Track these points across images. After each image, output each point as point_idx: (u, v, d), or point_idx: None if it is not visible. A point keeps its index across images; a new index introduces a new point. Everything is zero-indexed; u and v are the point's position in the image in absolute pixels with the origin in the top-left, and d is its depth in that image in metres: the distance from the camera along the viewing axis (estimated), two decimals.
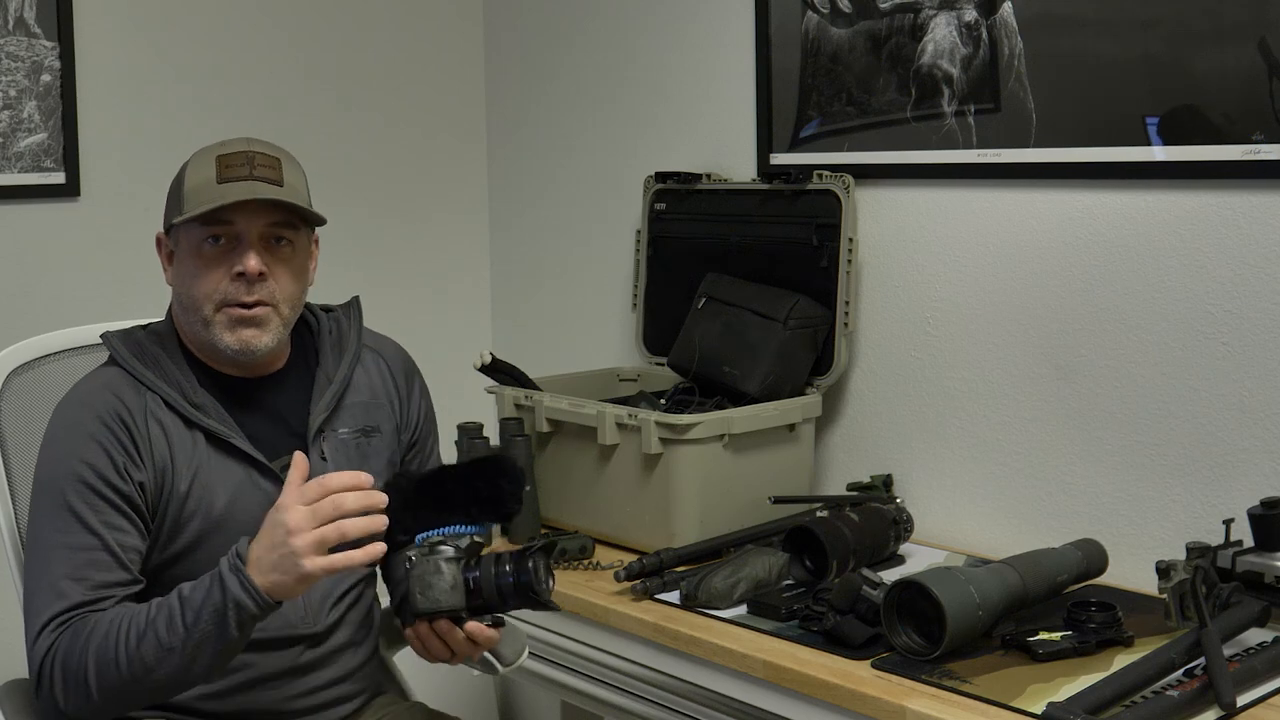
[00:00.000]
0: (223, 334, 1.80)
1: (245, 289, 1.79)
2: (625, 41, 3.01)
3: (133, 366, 1.82)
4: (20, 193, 2.75)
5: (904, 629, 1.87)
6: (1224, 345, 2.11)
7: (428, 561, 1.66)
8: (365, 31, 3.20)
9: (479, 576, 1.67)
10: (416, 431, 2.01)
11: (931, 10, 2.41)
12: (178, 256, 1.85)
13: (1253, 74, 2.03)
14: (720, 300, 2.60)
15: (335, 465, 1.86)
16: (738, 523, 2.36)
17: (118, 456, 1.75)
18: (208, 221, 1.78)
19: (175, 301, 1.86)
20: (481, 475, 1.73)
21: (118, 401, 1.78)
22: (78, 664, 1.65)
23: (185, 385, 1.82)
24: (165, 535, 1.78)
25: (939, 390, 2.47)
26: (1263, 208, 2.06)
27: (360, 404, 1.93)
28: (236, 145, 1.83)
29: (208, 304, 1.80)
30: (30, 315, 2.67)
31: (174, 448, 1.79)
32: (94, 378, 1.84)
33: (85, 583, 1.70)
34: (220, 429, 1.80)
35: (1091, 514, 2.27)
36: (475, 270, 3.42)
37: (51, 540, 1.72)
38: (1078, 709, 1.64)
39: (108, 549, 1.72)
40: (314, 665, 1.87)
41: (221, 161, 1.80)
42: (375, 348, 2.00)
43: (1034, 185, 2.32)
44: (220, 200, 1.76)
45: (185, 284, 1.82)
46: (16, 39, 2.72)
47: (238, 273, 1.78)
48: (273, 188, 1.79)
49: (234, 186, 1.77)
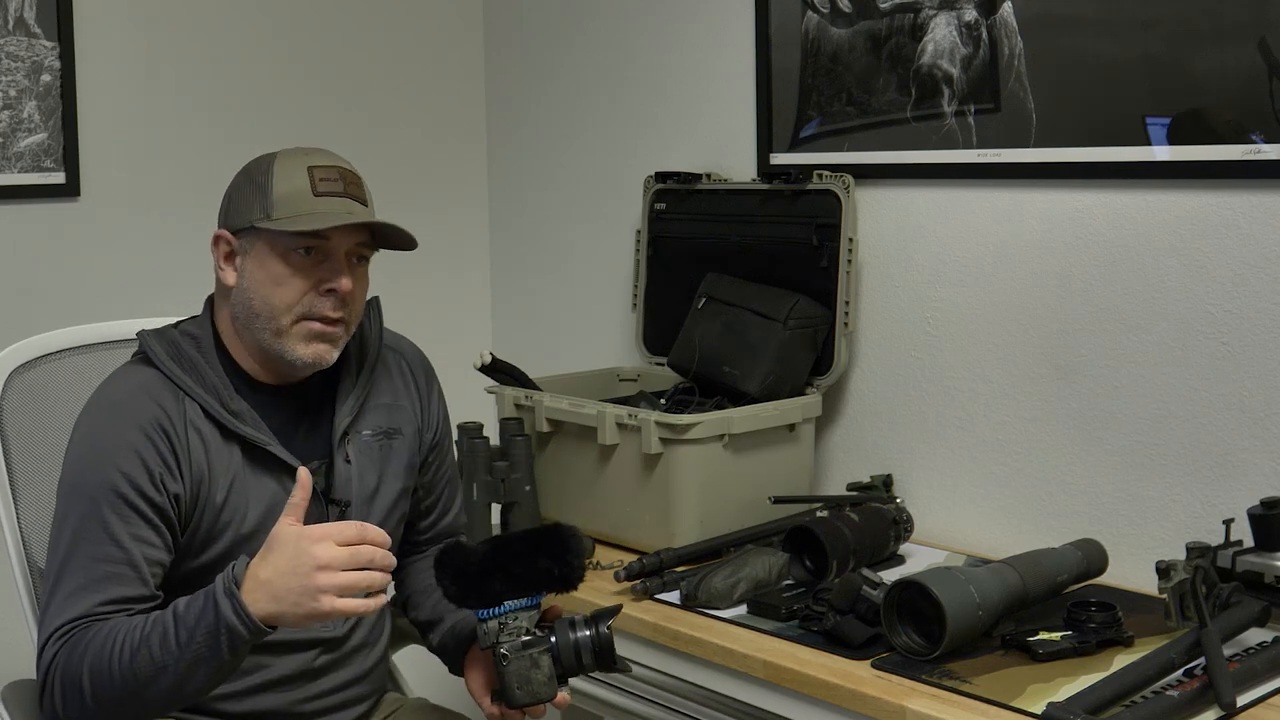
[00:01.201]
0: (296, 345, 1.79)
1: (332, 305, 1.79)
2: (625, 41, 3.01)
3: (170, 370, 1.79)
4: (20, 193, 2.75)
5: (904, 629, 1.87)
6: (1224, 345, 2.11)
7: (524, 658, 1.69)
8: (365, 32, 3.20)
9: (557, 646, 1.71)
10: (437, 433, 2.01)
11: (931, 10, 2.41)
12: (252, 259, 1.79)
13: (1253, 74, 2.03)
14: (720, 300, 2.60)
15: (359, 467, 1.86)
16: (738, 523, 2.36)
17: (155, 467, 1.72)
18: (303, 234, 1.77)
19: (239, 304, 1.81)
20: (547, 552, 1.70)
21: (158, 409, 1.75)
22: (74, 675, 1.64)
23: (223, 392, 1.79)
24: (198, 545, 1.77)
25: (939, 390, 2.47)
26: (1263, 208, 2.06)
27: (383, 406, 1.93)
28: (321, 158, 1.81)
29: (287, 314, 1.78)
30: (30, 315, 2.67)
31: (211, 456, 1.77)
32: (129, 377, 1.81)
33: (101, 595, 1.67)
34: (258, 436, 1.79)
35: (1091, 514, 2.27)
36: (475, 270, 3.42)
37: (75, 547, 1.70)
38: (1078, 709, 1.64)
39: (131, 563, 1.69)
40: (329, 668, 1.87)
41: (314, 174, 1.78)
42: (395, 348, 2.00)
43: (1034, 185, 2.32)
44: (325, 221, 1.75)
45: (263, 289, 1.78)
46: (16, 39, 2.72)
47: (328, 289, 1.78)
48: (364, 209, 1.80)
49: (333, 203, 1.77)
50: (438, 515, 2.05)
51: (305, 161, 1.80)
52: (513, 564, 1.69)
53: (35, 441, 1.98)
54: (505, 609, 1.70)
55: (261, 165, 1.82)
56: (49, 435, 1.98)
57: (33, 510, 1.97)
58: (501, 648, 1.69)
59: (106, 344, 2.06)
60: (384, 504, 1.90)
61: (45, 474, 1.97)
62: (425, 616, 1.99)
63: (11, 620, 1.99)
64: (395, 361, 1.98)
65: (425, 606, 1.99)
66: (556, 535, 1.71)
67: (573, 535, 1.72)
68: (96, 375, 1.93)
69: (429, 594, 1.98)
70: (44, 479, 1.97)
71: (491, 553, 1.71)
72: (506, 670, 1.70)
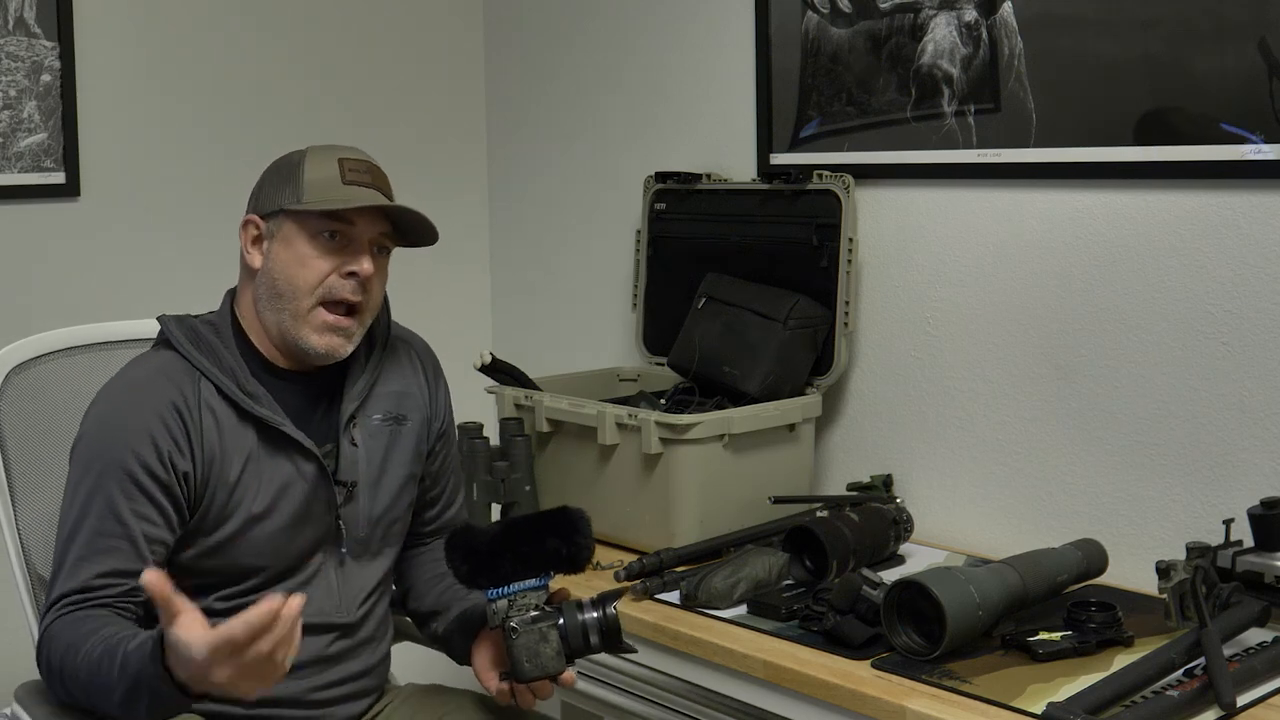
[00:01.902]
0: (311, 335, 1.83)
1: (352, 289, 1.83)
2: (625, 41, 3.01)
3: (188, 351, 1.83)
4: (20, 193, 2.75)
5: (904, 629, 1.87)
6: (1224, 345, 2.11)
7: (533, 631, 1.74)
8: (365, 32, 3.20)
9: (565, 627, 1.75)
10: (444, 423, 2.04)
11: (931, 10, 2.41)
12: (280, 241, 1.84)
13: (1253, 74, 2.03)
14: (720, 300, 2.60)
15: (366, 450, 1.90)
16: (738, 523, 2.36)
17: (165, 446, 1.76)
18: (331, 216, 1.82)
19: (263, 285, 1.85)
20: (556, 532, 1.76)
21: (174, 390, 1.79)
22: (58, 661, 1.69)
23: (239, 373, 1.83)
24: (210, 523, 1.80)
25: (939, 390, 2.47)
26: (1263, 208, 2.06)
27: (392, 393, 1.96)
28: (351, 153, 1.87)
29: (308, 296, 1.82)
30: (30, 315, 2.67)
31: (225, 436, 1.80)
32: (147, 360, 1.85)
33: (97, 567, 1.72)
34: (272, 417, 1.82)
35: (1091, 514, 2.27)
36: (475, 270, 3.42)
37: (80, 521, 1.75)
38: (1078, 709, 1.64)
39: (130, 539, 1.73)
40: (342, 656, 1.89)
41: (344, 165, 1.84)
42: (405, 339, 2.04)
43: (1034, 185, 2.32)
44: (353, 201, 1.81)
45: (288, 269, 1.83)
46: (16, 39, 2.72)
47: (349, 272, 1.83)
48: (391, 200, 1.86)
49: (360, 191, 1.83)
50: (442, 507, 2.07)
51: (335, 154, 1.86)
52: (522, 544, 1.75)
53: (33, 441, 1.98)
54: (514, 589, 1.75)
55: (292, 158, 1.88)
56: (47, 434, 1.98)
57: (31, 509, 1.97)
58: (511, 621, 1.74)
59: (105, 344, 2.07)
60: (391, 487, 1.94)
61: (43, 473, 1.97)
62: (429, 607, 2.01)
63: (13, 623, 1.99)
64: (405, 351, 2.02)
65: (429, 597, 2.01)
66: (565, 516, 1.77)
67: (580, 517, 1.77)
68: (95, 375, 1.94)
69: (434, 584, 2.01)
70: (42, 478, 1.97)
71: (501, 534, 1.77)
72: (515, 644, 1.74)
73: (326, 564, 1.88)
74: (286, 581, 1.84)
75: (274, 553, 1.83)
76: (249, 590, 1.81)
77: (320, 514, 1.86)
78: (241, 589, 1.81)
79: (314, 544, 1.87)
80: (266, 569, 1.83)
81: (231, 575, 1.81)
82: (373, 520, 1.91)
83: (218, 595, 1.80)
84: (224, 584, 1.81)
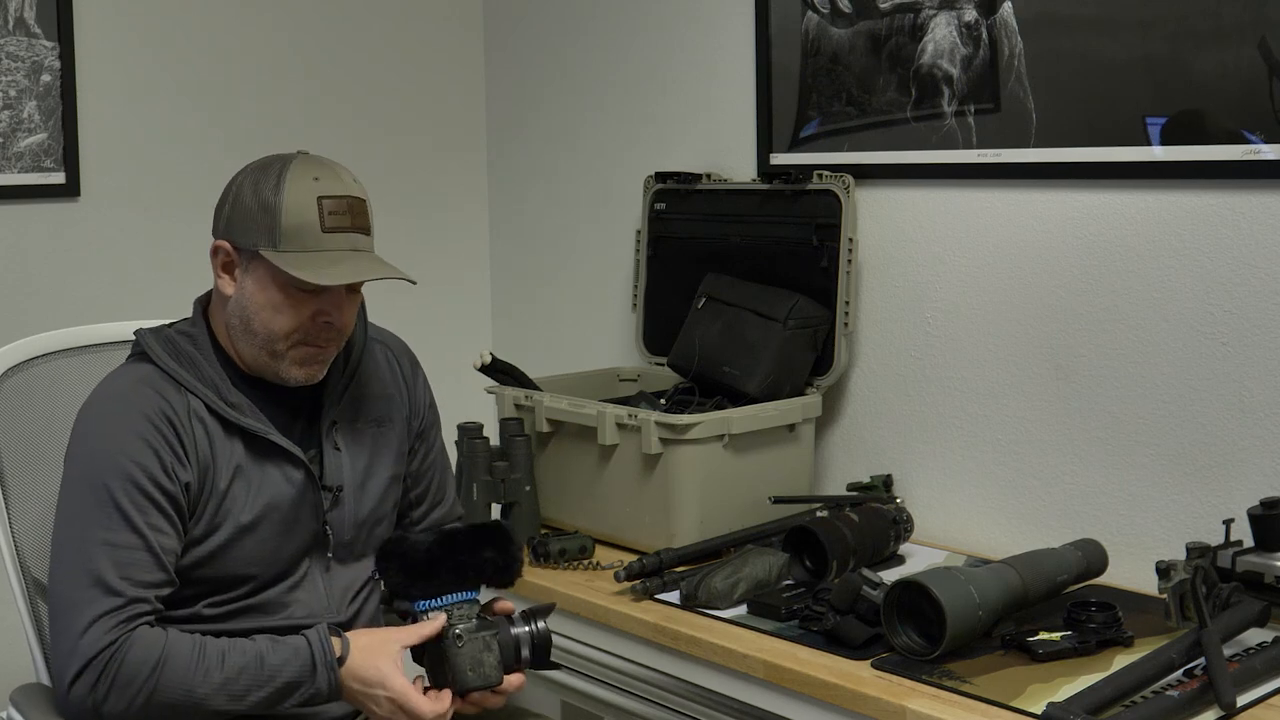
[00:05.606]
0: (291, 368, 1.82)
1: (329, 335, 1.82)
2: (625, 41, 3.01)
3: (168, 366, 1.81)
4: (20, 193, 2.75)
5: (904, 629, 1.87)
6: (1224, 345, 2.11)
7: (477, 640, 1.74)
8: (365, 32, 3.20)
9: (500, 640, 1.77)
10: (423, 420, 2.03)
11: (931, 10, 2.41)
12: (253, 280, 1.79)
13: (1253, 74, 2.03)
14: (720, 300, 2.60)
15: (349, 455, 1.90)
16: (738, 523, 2.36)
17: (165, 456, 1.75)
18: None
19: (236, 315, 1.81)
20: (490, 545, 1.80)
21: (162, 400, 1.78)
22: (146, 677, 1.67)
23: (221, 385, 1.82)
24: (200, 534, 1.78)
25: (939, 390, 2.47)
26: (1263, 208, 2.06)
27: (374, 396, 1.96)
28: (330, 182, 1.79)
29: (284, 340, 1.80)
30: (30, 315, 2.68)
31: (215, 447, 1.79)
32: (127, 373, 1.83)
33: (130, 581, 1.70)
34: (258, 427, 1.81)
35: (1091, 514, 2.27)
36: (475, 270, 3.42)
37: (93, 535, 1.72)
38: (1078, 709, 1.63)
39: (150, 549, 1.72)
40: None
41: (324, 206, 1.77)
42: (381, 340, 2.03)
43: (1034, 185, 2.32)
44: (332, 278, 1.75)
45: (262, 313, 1.79)
46: (16, 39, 2.72)
47: (325, 322, 1.81)
48: (368, 238, 1.82)
49: (339, 239, 1.77)
50: (428, 506, 2.05)
51: (315, 190, 1.78)
52: (459, 553, 1.78)
53: (28, 444, 1.97)
54: (448, 600, 1.76)
55: (269, 179, 1.79)
56: (42, 438, 1.97)
57: (27, 512, 1.96)
58: (456, 628, 1.73)
59: (100, 346, 2.06)
60: (375, 490, 1.93)
61: (38, 476, 1.96)
62: None
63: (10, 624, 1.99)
64: (383, 353, 2.01)
65: None
66: (499, 530, 1.83)
67: (510, 530, 1.85)
68: (90, 378, 1.92)
69: None
70: (37, 481, 1.96)
71: (436, 545, 1.78)
72: (460, 653, 1.73)
73: (313, 568, 1.87)
74: (275, 587, 1.83)
75: (262, 560, 1.82)
76: (238, 597, 1.81)
77: (307, 520, 1.85)
78: (230, 596, 1.81)
79: (301, 550, 1.86)
80: (256, 577, 1.82)
81: (221, 583, 1.80)
82: (358, 523, 1.90)
83: (207, 602, 1.79)
84: (213, 591, 1.80)
